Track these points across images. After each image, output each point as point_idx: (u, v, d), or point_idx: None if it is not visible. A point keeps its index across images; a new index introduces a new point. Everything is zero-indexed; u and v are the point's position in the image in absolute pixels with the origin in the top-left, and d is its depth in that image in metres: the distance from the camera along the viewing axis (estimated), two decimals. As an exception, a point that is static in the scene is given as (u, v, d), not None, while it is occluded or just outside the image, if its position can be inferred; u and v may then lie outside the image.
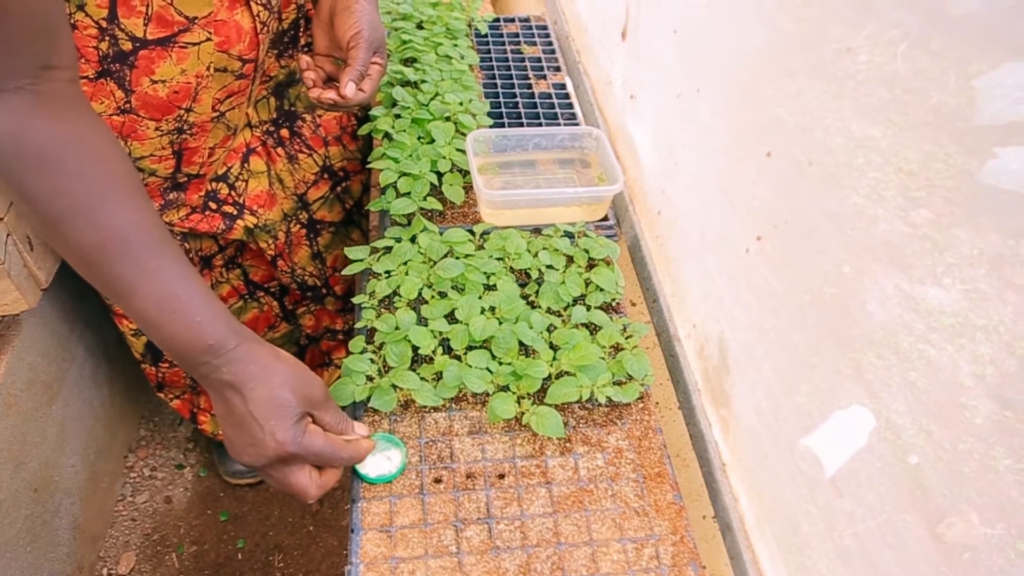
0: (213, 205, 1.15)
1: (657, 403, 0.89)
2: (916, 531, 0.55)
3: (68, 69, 0.67)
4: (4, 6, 0.58)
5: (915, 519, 0.55)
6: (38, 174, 0.63)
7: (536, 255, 0.98)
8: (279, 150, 1.21)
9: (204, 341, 0.68)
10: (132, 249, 0.66)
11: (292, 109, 1.20)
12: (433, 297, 0.93)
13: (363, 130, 1.18)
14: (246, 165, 1.17)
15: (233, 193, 1.16)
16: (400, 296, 0.93)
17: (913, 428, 0.55)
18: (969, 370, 0.50)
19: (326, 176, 1.28)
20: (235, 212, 1.17)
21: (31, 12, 0.61)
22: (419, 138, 1.14)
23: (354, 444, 0.76)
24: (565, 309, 0.94)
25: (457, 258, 0.96)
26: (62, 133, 0.65)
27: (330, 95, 0.97)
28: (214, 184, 1.14)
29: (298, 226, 1.29)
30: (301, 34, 1.13)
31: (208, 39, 0.92)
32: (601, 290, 0.96)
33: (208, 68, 0.94)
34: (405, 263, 0.96)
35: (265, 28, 0.99)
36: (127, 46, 0.87)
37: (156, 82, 0.91)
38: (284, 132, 1.20)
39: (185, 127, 0.99)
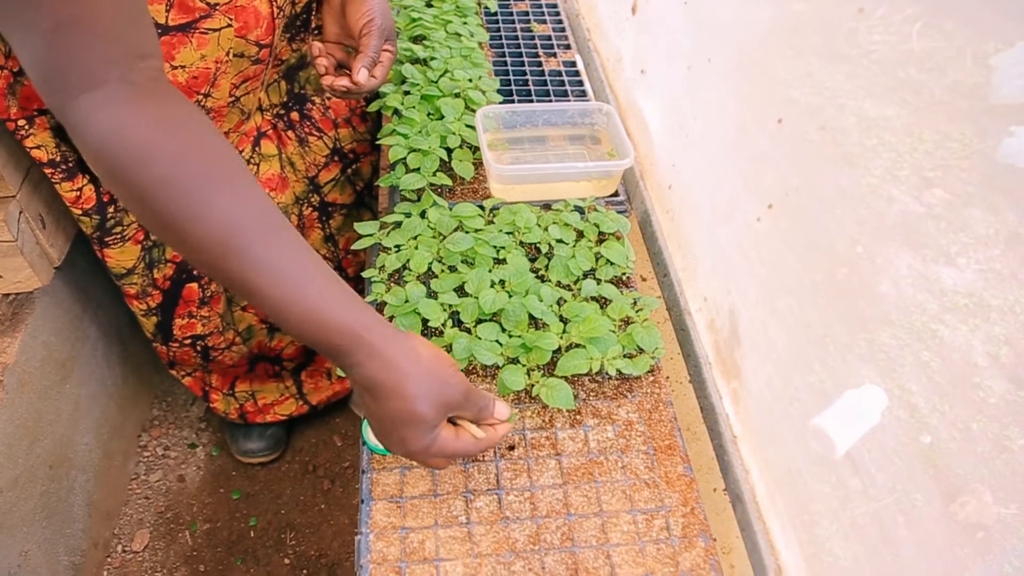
0: None
1: (668, 376, 0.88)
2: (929, 510, 0.55)
3: (157, 58, 0.64)
4: None
5: (927, 498, 0.55)
6: (151, 169, 0.59)
7: (546, 229, 0.97)
8: (289, 133, 1.21)
9: (332, 341, 0.63)
10: (255, 242, 0.61)
11: (302, 92, 1.20)
12: (443, 271, 0.93)
13: (373, 107, 1.17)
14: (257, 149, 1.17)
15: None
16: (410, 270, 0.92)
17: (927, 407, 0.55)
18: (983, 350, 0.50)
19: (336, 158, 1.28)
20: None
21: None
22: (428, 114, 1.14)
23: (485, 440, 0.71)
24: (575, 283, 0.94)
25: (467, 232, 0.96)
26: (169, 124, 0.61)
27: (343, 82, 0.97)
28: None
29: (310, 209, 1.29)
30: (312, 17, 1.12)
31: (228, 25, 0.92)
32: (611, 264, 0.96)
33: (227, 54, 0.95)
34: (415, 237, 0.96)
35: (281, 13, 0.99)
36: None
37: (176, 68, 0.92)
38: (294, 115, 1.20)
39: None
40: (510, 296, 0.89)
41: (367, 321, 0.65)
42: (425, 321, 0.87)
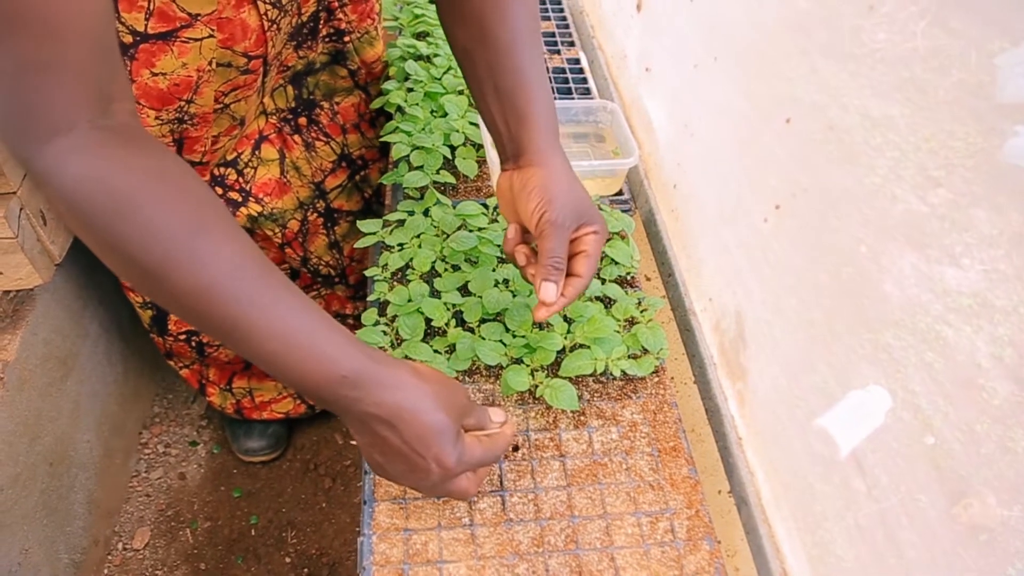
0: (219, 190, 1.14)
1: (672, 377, 0.88)
2: (933, 512, 0.54)
3: (130, 100, 0.61)
4: (62, 26, 0.52)
5: (931, 500, 0.54)
6: (133, 216, 0.56)
7: (550, 228, 0.97)
8: (295, 137, 1.19)
9: (337, 373, 0.61)
10: (244, 284, 0.59)
11: (311, 97, 1.18)
12: (446, 270, 0.92)
13: (376, 104, 1.16)
14: (257, 152, 1.16)
15: (240, 179, 1.16)
16: (413, 269, 0.92)
17: (930, 409, 0.55)
18: (987, 351, 0.50)
19: (344, 164, 1.26)
20: (240, 199, 1.16)
21: (88, 32, 0.55)
22: (432, 112, 1.13)
23: (501, 437, 0.71)
24: (579, 283, 0.93)
25: (470, 231, 0.95)
26: (147, 170, 0.58)
27: (542, 314, 0.75)
28: (222, 169, 1.13)
29: (315, 215, 1.28)
30: (322, 26, 1.10)
31: (211, 35, 0.90)
32: (616, 263, 0.95)
33: (210, 63, 0.93)
34: (418, 236, 0.96)
35: (274, 26, 0.97)
36: (127, 39, 0.86)
37: (156, 74, 0.90)
38: (302, 120, 1.19)
39: (186, 117, 0.98)
40: (514, 295, 0.88)
41: (367, 351, 0.64)
42: (428, 320, 0.87)
